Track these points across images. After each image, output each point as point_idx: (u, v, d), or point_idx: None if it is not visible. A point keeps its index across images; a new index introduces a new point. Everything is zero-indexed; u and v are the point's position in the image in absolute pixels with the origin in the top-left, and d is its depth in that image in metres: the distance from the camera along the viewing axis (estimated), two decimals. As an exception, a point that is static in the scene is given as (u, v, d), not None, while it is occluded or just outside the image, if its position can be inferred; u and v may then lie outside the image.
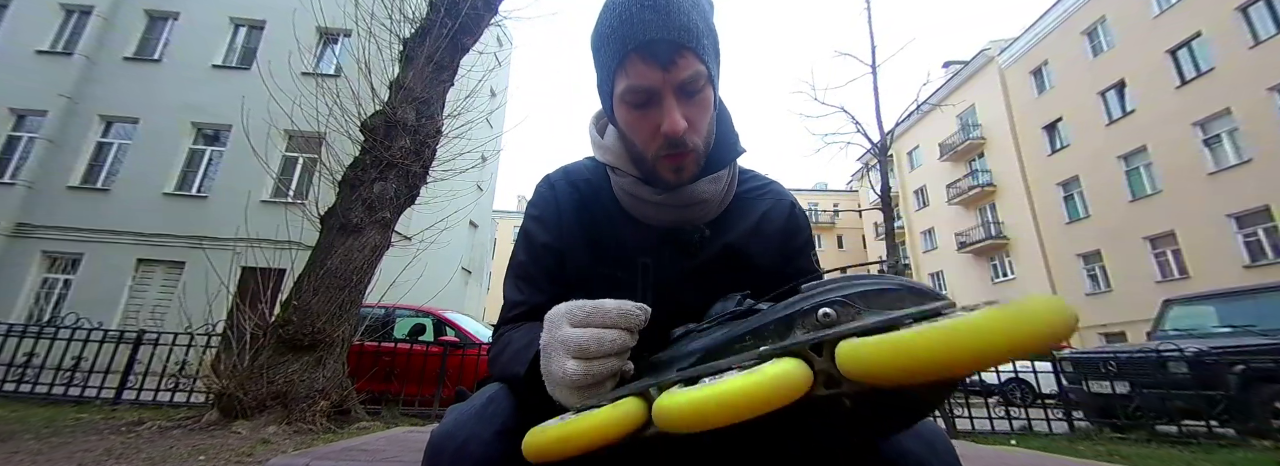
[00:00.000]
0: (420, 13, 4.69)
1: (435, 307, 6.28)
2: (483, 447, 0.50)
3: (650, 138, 0.62)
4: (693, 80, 0.59)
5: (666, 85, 0.58)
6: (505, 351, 0.62)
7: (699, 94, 0.61)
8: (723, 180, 0.68)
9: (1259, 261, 12.63)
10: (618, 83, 0.61)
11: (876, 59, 5.40)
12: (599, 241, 0.69)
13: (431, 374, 4.69)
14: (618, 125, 0.67)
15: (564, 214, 0.71)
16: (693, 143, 0.62)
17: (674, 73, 0.58)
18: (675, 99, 0.59)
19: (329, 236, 3.95)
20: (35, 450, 2.66)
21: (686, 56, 0.58)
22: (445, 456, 0.51)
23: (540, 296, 0.68)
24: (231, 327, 3.84)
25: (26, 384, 4.80)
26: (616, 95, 0.62)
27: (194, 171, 11.44)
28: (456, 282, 15.87)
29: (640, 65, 0.58)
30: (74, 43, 12.00)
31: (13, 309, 10.00)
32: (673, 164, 0.63)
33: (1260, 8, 12.97)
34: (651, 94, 0.59)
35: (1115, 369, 4.78)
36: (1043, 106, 19.20)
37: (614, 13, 0.59)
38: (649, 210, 0.68)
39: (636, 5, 0.57)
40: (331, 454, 1.71)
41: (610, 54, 0.60)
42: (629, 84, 0.59)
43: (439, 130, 4.47)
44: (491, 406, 0.55)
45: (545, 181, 0.74)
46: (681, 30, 0.57)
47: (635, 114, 0.62)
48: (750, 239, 0.70)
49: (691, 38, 0.57)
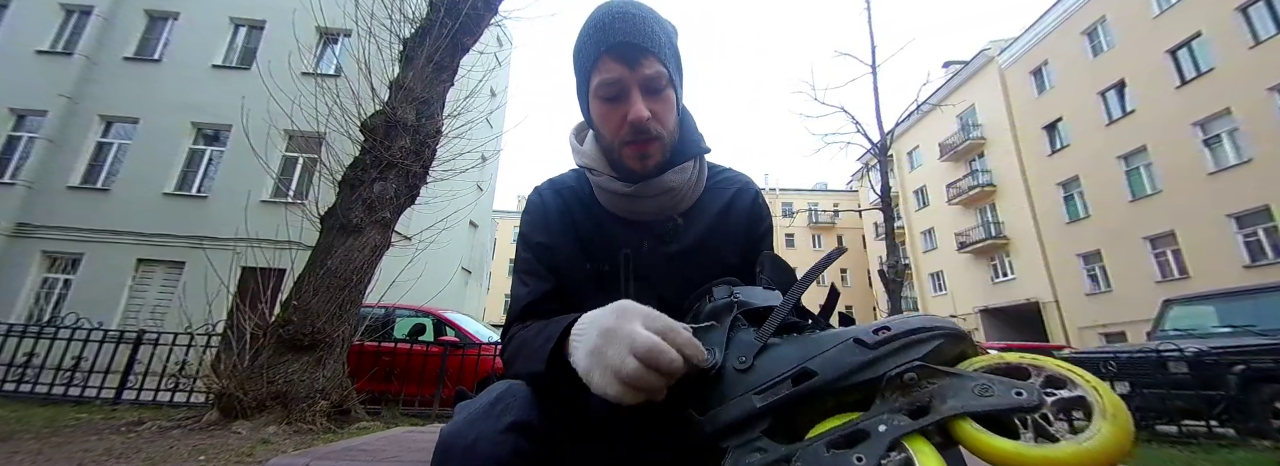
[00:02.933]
0: (420, 13, 4.69)
1: (435, 307, 6.28)
2: (492, 445, 0.50)
3: (618, 126, 0.70)
4: (656, 78, 0.68)
5: (633, 80, 0.68)
6: (521, 350, 0.63)
7: (662, 92, 0.70)
8: (689, 171, 0.76)
9: (1259, 261, 12.63)
10: (592, 79, 0.70)
11: (876, 59, 5.40)
12: (585, 240, 0.77)
13: (431, 374, 4.69)
14: (592, 122, 0.76)
15: (552, 217, 0.79)
16: (657, 131, 0.70)
17: (639, 70, 0.67)
18: (640, 93, 0.68)
19: (329, 236, 3.95)
20: (35, 450, 2.66)
21: (650, 58, 0.68)
22: (455, 454, 0.51)
23: (545, 285, 0.75)
24: (231, 327, 3.84)
25: (26, 384, 4.80)
26: (591, 92, 0.71)
27: (194, 171, 11.43)
28: (456, 282, 15.87)
29: (611, 62, 0.68)
30: (74, 43, 12.00)
31: (13, 309, 10.00)
32: (638, 151, 0.71)
33: (1260, 8, 12.97)
34: (620, 87, 0.68)
35: (1115, 369, 4.78)
36: (1043, 106, 19.19)
37: (591, 24, 0.69)
38: (625, 203, 0.75)
39: (611, 17, 0.68)
40: (331, 454, 1.70)
41: (586, 55, 0.70)
42: (601, 79, 0.69)
43: (439, 130, 4.47)
44: (500, 404, 0.55)
45: (535, 192, 0.84)
46: (647, 37, 0.67)
47: (606, 107, 0.71)
48: (719, 225, 0.78)
49: (655, 45, 0.68)
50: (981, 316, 21.64)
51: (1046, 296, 18.67)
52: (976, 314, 21.79)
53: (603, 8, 0.70)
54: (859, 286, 33.40)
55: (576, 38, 0.72)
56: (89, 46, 11.83)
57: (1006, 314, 21.17)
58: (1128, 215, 15.89)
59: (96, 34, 11.95)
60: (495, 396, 0.57)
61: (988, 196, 21.79)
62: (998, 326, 21.29)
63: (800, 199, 39.33)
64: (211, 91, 11.57)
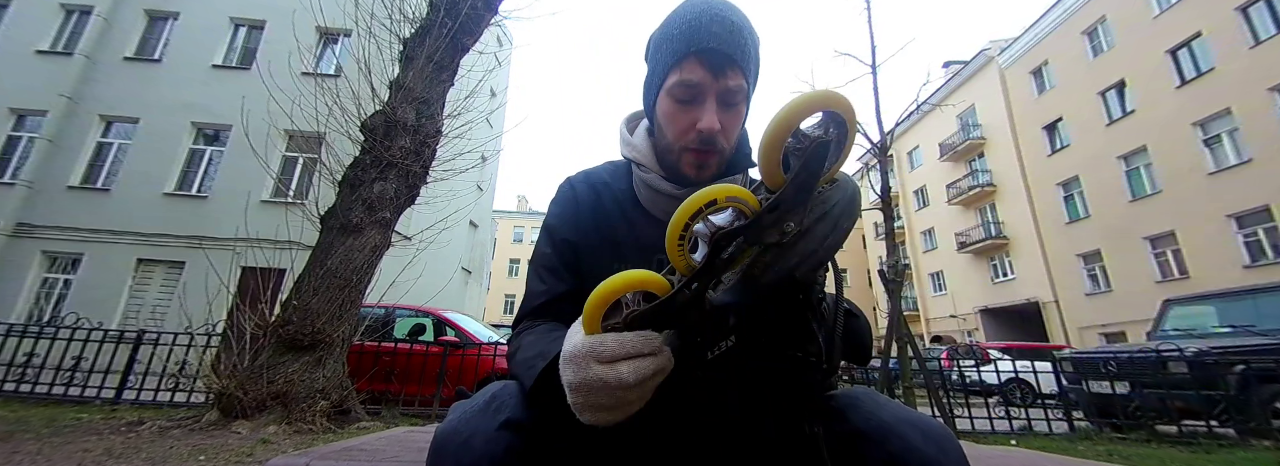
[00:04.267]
0: (420, 13, 4.69)
1: (435, 307, 6.28)
2: (486, 443, 0.51)
3: (684, 131, 0.68)
4: (735, 92, 0.66)
5: (712, 89, 0.65)
6: (522, 360, 0.62)
7: (737, 106, 0.68)
8: (738, 183, 0.71)
9: (1259, 261, 12.63)
10: (670, 76, 0.67)
11: (876, 59, 5.38)
12: (616, 239, 0.73)
13: (431, 374, 4.69)
14: (654, 117, 0.73)
15: (582, 212, 0.75)
16: (721, 145, 0.68)
17: (722, 80, 0.65)
18: (716, 103, 0.66)
19: (329, 236, 3.95)
20: (35, 450, 2.66)
21: (736, 71, 0.65)
22: (449, 452, 0.51)
23: (562, 286, 0.72)
24: (231, 327, 3.84)
25: (26, 384, 4.80)
26: (665, 88, 0.68)
27: (194, 171, 11.43)
28: (456, 282, 15.87)
29: (696, 65, 0.65)
30: (74, 43, 12.00)
31: (13, 309, 10.00)
32: (698, 160, 0.69)
33: (1260, 8, 12.97)
34: (697, 92, 0.66)
35: (1115, 369, 4.78)
36: (1043, 106, 19.20)
37: (685, 18, 0.66)
38: (667, 204, 0.71)
39: (708, 17, 0.64)
40: (331, 454, 1.71)
41: (671, 50, 0.66)
42: (681, 78, 0.66)
43: (439, 130, 4.47)
44: (495, 402, 0.55)
45: (567, 183, 0.80)
46: (739, 49, 0.65)
47: (677, 107, 0.68)
48: None
49: (744, 58, 0.65)
50: (981, 316, 21.65)
51: (1046, 296, 18.67)
52: (976, 314, 21.79)
53: (699, 3, 0.66)
54: (859, 286, 33.38)
55: (662, 26, 0.69)
56: (89, 46, 11.82)
57: (1006, 314, 21.17)
58: (1128, 215, 15.89)
59: (96, 34, 11.94)
60: (490, 395, 0.57)
61: (988, 196, 21.79)
62: (998, 326, 21.29)
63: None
64: (211, 91, 11.57)
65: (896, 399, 3.92)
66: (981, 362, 7.30)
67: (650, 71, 0.71)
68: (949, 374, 6.72)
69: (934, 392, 4.62)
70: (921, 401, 5.18)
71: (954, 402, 4.88)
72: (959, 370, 7.42)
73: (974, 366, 7.35)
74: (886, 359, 4.76)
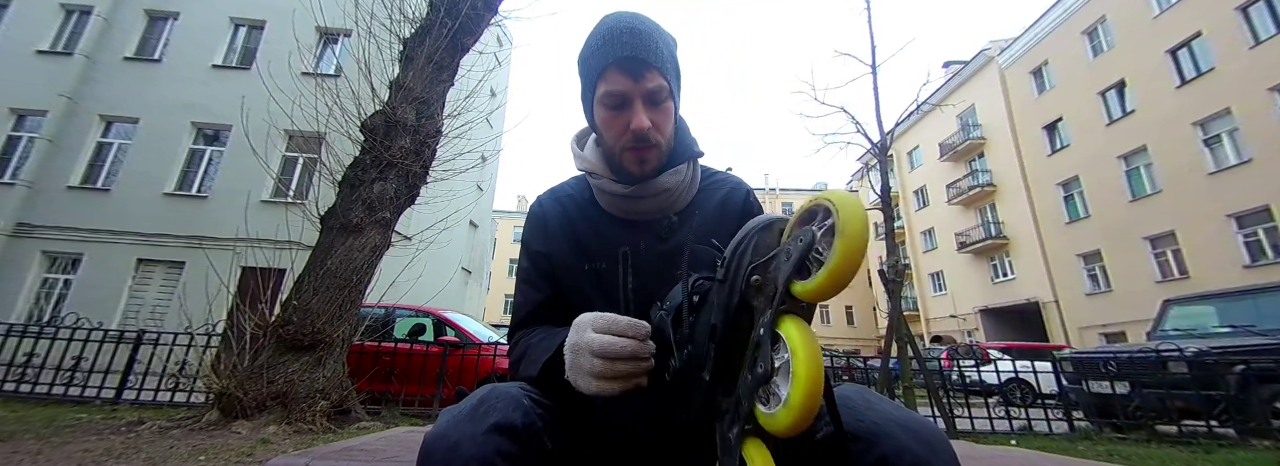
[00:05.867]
0: (420, 13, 4.69)
1: (435, 307, 6.28)
2: (475, 446, 0.51)
3: (620, 133, 0.75)
4: (657, 91, 0.73)
5: (636, 92, 0.72)
6: (525, 357, 0.73)
7: (662, 103, 0.75)
8: (683, 174, 0.81)
9: (1259, 261, 12.63)
10: (598, 88, 0.74)
11: (876, 59, 5.38)
12: (584, 242, 0.81)
13: (431, 374, 4.69)
14: (595, 126, 0.80)
15: (550, 225, 0.84)
16: (655, 139, 0.75)
17: (642, 83, 0.72)
18: (642, 104, 0.73)
19: (329, 236, 3.95)
20: (35, 450, 2.66)
21: (653, 72, 0.72)
22: (438, 456, 0.52)
23: (540, 295, 0.82)
24: (231, 327, 3.83)
25: (26, 384, 4.80)
26: (596, 99, 0.76)
27: (194, 171, 11.43)
28: (456, 282, 15.87)
29: (617, 74, 0.72)
30: (74, 43, 11.99)
31: (13, 309, 10.00)
32: (638, 156, 0.76)
33: (1260, 8, 12.97)
34: (624, 98, 0.73)
35: (1115, 369, 4.78)
36: (1043, 106, 19.19)
37: (599, 34, 0.73)
38: (623, 204, 0.80)
39: (618, 30, 0.72)
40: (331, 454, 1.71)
41: (593, 65, 0.74)
42: (607, 89, 0.73)
43: (439, 130, 4.47)
44: (483, 406, 0.56)
45: (536, 202, 0.89)
46: (651, 53, 0.72)
47: (610, 114, 0.75)
48: (713, 222, 0.82)
49: (659, 60, 0.72)
50: (981, 316, 21.65)
51: (1046, 296, 18.67)
52: (976, 314, 21.79)
53: (610, 19, 0.74)
54: (858, 286, 33.38)
55: (583, 45, 0.76)
56: (89, 46, 11.82)
57: (1006, 314, 21.18)
58: (1128, 215, 15.89)
59: (96, 34, 11.94)
60: (478, 399, 0.58)
61: (988, 196, 21.79)
62: (998, 326, 21.29)
63: (800, 199, 39.34)
64: (211, 91, 11.57)
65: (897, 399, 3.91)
66: (981, 362, 7.29)
67: (582, 87, 0.79)
68: (949, 374, 6.72)
69: (934, 393, 4.62)
70: (921, 401, 5.19)
71: (954, 403, 4.88)
72: (959, 370, 7.42)
73: (974, 366, 7.35)
74: (886, 359, 4.76)
